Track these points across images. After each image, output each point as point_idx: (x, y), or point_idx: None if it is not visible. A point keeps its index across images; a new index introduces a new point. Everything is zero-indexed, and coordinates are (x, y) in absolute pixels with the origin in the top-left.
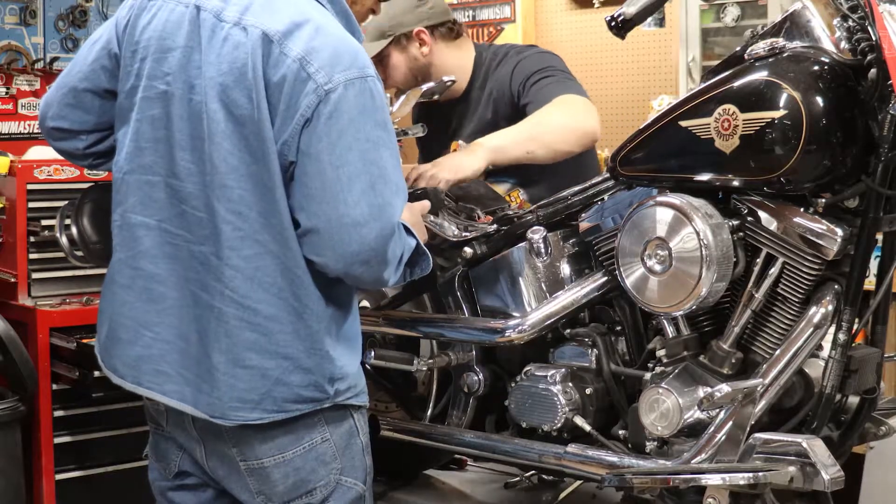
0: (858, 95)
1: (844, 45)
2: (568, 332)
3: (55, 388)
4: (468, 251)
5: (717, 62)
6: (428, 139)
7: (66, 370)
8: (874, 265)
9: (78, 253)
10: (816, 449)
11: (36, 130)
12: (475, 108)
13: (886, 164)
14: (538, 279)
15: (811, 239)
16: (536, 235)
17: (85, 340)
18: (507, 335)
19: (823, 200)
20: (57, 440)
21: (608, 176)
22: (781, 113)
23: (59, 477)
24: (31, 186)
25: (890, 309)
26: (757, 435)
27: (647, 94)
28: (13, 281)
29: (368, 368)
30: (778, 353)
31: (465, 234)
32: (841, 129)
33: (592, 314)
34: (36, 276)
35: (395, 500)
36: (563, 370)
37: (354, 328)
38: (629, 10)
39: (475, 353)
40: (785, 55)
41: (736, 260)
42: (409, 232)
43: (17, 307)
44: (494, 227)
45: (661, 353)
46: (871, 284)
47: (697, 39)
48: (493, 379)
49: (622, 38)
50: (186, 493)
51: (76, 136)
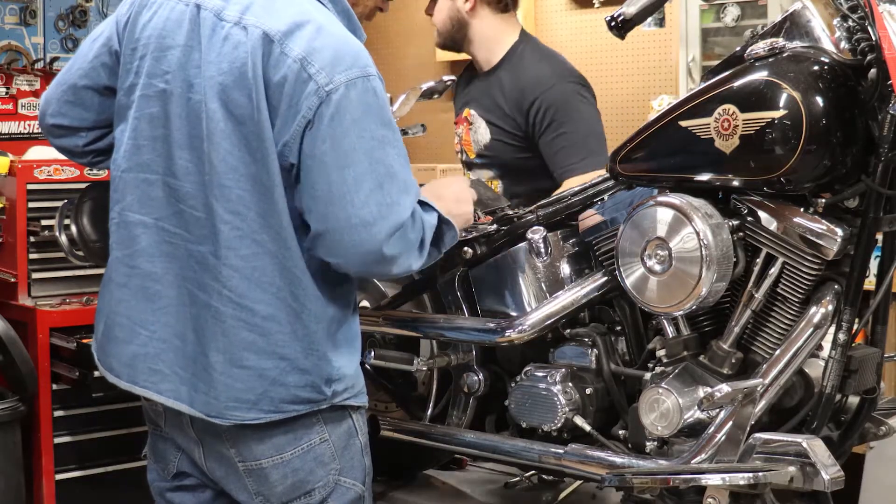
0: (858, 95)
1: (844, 45)
2: (568, 332)
3: (55, 388)
4: (468, 251)
5: (717, 62)
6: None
7: (66, 370)
8: (874, 265)
9: (78, 252)
10: (816, 449)
11: (36, 130)
12: (491, 89)
13: (886, 164)
14: (538, 279)
15: (811, 239)
16: (536, 235)
17: (85, 340)
18: (507, 335)
19: (823, 200)
20: (57, 440)
21: (608, 176)
22: (781, 113)
23: (59, 477)
24: (31, 186)
25: (890, 309)
26: (757, 435)
27: (647, 94)
28: (13, 281)
29: (368, 368)
30: (778, 353)
31: (465, 234)
32: (841, 129)
33: (592, 314)
34: (36, 276)
35: (395, 500)
36: (563, 370)
37: (353, 329)
38: (629, 10)
39: (475, 353)
40: (785, 55)
41: (736, 260)
42: (427, 208)
43: (17, 307)
44: (494, 227)
45: (661, 353)
46: (871, 284)
47: (697, 39)
48: (493, 379)
49: (622, 38)
50: (185, 493)
51: (76, 133)
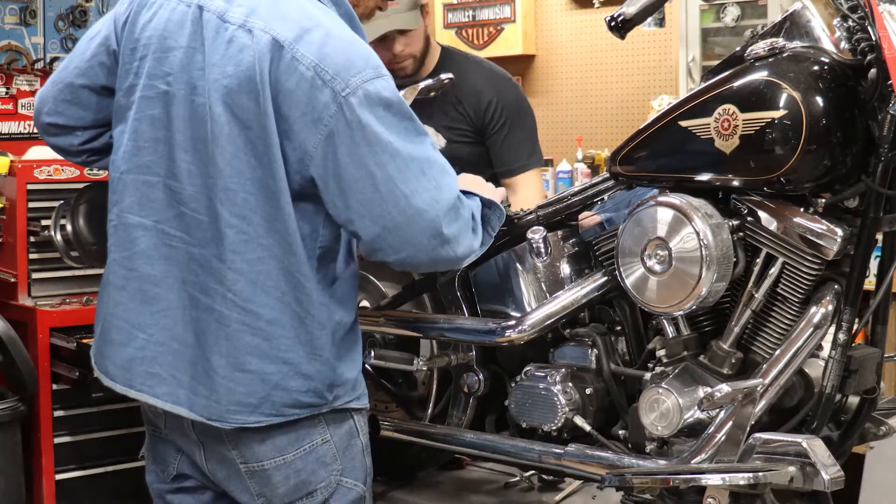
0: (858, 95)
1: (844, 45)
2: (568, 332)
3: (55, 388)
4: None
5: (717, 62)
6: None
7: (66, 370)
8: (874, 265)
9: (73, 253)
10: (816, 449)
11: (36, 130)
12: (440, 102)
13: (886, 164)
14: (538, 279)
15: (811, 239)
16: (536, 235)
17: (85, 340)
18: (507, 335)
19: (823, 200)
20: (57, 440)
21: (608, 176)
22: (781, 113)
23: (59, 477)
24: (31, 186)
25: (890, 309)
26: (757, 435)
27: (647, 94)
28: (13, 281)
29: (368, 368)
30: (778, 353)
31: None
32: (841, 129)
33: (592, 314)
34: (36, 276)
35: (395, 500)
36: (563, 370)
37: (355, 334)
38: (629, 10)
39: (475, 353)
40: (785, 55)
41: (736, 260)
42: (466, 194)
43: (17, 307)
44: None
45: (661, 353)
46: (871, 284)
47: (697, 39)
48: (493, 379)
49: (622, 38)
50: (185, 495)
51: (72, 132)
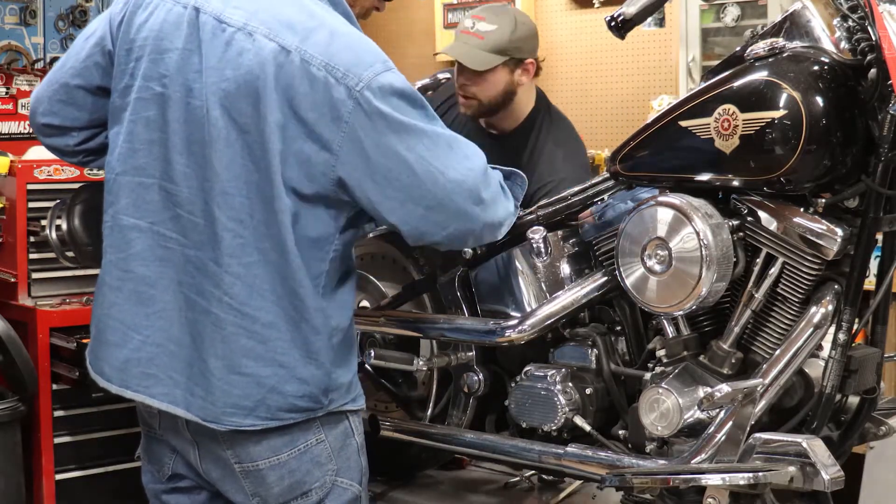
0: (858, 95)
1: (844, 45)
2: (568, 332)
3: (55, 388)
4: (468, 251)
5: (717, 62)
6: None
7: (66, 370)
8: (874, 265)
9: (68, 253)
10: (816, 449)
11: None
12: (505, 153)
13: (886, 164)
14: (538, 279)
15: (811, 239)
16: (536, 235)
17: (85, 340)
18: (507, 335)
19: (823, 200)
20: (57, 440)
21: (608, 176)
22: (781, 113)
23: (59, 477)
24: (31, 186)
25: (890, 309)
26: (757, 435)
27: (647, 94)
28: (13, 281)
29: (368, 368)
30: (778, 353)
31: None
32: (841, 129)
33: (592, 314)
34: (36, 276)
35: (395, 500)
36: (563, 370)
37: (350, 337)
38: (629, 10)
39: (475, 353)
40: (785, 55)
41: (736, 260)
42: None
43: (17, 307)
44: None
45: (661, 353)
46: (871, 284)
47: (697, 39)
48: (493, 379)
49: (622, 38)
50: (180, 495)
51: (67, 132)
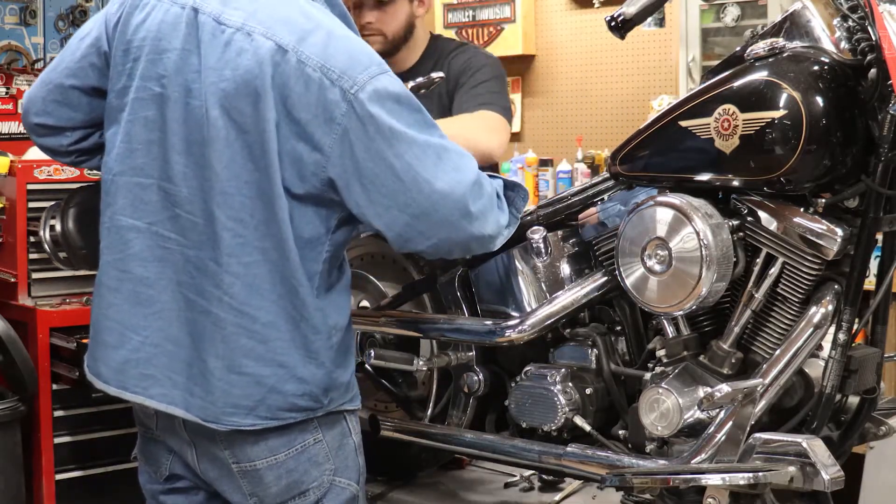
0: (858, 95)
1: (844, 45)
2: (568, 332)
3: (55, 388)
4: None
5: (717, 62)
6: None
7: (66, 370)
8: (874, 265)
9: (62, 255)
10: (816, 449)
11: None
12: (435, 99)
13: (886, 164)
14: (538, 279)
15: (811, 239)
16: (536, 235)
17: (85, 340)
18: (507, 335)
19: (823, 200)
20: (57, 440)
21: (608, 176)
22: (781, 113)
23: (59, 477)
24: (31, 186)
25: (890, 309)
26: (757, 435)
27: (647, 94)
28: (13, 281)
29: (368, 368)
30: (778, 353)
31: None
32: (841, 129)
33: (592, 314)
34: (36, 276)
35: (395, 500)
36: (563, 370)
37: (349, 338)
38: (629, 10)
39: (475, 353)
40: (785, 55)
41: (736, 260)
42: (490, 177)
43: (17, 307)
44: None
45: (661, 353)
46: (871, 284)
47: (697, 39)
48: (493, 379)
49: (622, 38)
50: (178, 496)
51: (61, 132)
